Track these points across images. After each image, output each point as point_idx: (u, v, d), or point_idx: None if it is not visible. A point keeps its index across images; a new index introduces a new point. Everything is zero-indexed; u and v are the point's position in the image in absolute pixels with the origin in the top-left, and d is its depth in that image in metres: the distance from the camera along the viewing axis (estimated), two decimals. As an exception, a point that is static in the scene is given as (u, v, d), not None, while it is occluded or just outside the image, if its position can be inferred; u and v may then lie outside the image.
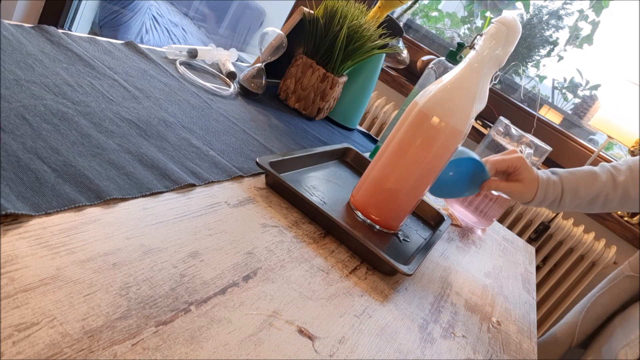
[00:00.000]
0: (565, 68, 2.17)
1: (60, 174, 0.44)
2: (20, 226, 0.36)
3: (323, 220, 0.62)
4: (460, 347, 0.55)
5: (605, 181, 0.78)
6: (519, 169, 0.77)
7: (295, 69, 1.01)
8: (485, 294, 0.73)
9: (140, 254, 0.40)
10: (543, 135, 1.89)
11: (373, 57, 1.12)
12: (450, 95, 0.64)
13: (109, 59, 0.74)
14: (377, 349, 0.46)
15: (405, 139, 0.66)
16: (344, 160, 0.90)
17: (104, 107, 0.59)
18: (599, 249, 1.71)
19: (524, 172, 0.77)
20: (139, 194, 0.47)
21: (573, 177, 0.78)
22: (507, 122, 0.97)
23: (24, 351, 0.28)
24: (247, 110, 0.88)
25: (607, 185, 0.78)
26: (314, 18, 0.97)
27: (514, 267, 0.92)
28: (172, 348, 0.33)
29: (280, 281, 0.47)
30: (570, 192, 0.78)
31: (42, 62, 0.61)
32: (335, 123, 1.14)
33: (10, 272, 0.32)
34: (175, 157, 0.58)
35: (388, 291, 0.57)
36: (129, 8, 2.96)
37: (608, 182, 0.78)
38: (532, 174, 0.77)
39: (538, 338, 1.06)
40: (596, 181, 0.78)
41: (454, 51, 0.97)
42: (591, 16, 2.11)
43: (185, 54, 0.93)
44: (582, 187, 0.78)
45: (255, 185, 0.64)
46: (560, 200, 0.78)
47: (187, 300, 0.38)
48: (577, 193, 0.78)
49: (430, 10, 2.37)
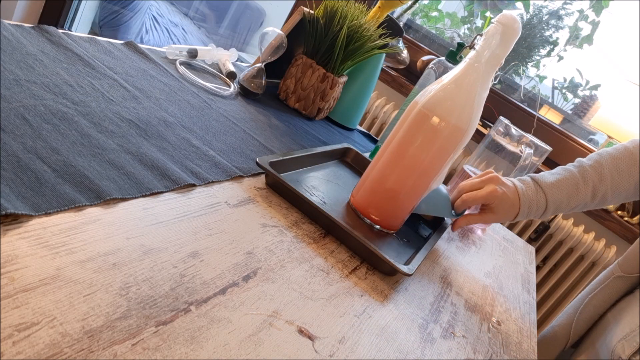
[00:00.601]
0: (565, 68, 2.17)
1: (60, 174, 0.44)
2: (20, 226, 0.36)
3: (323, 220, 0.62)
4: (460, 347, 0.55)
5: (586, 193, 0.79)
6: (491, 203, 0.77)
7: (295, 69, 1.01)
8: (485, 294, 0.72)
9: (140, 254, 0.40)
10: (543, 135, 1.89)
11: (373, 57, 1.12)
12: (450, 94, 0.64)
13: (109, 59, 0.74)
14: (377, 349, 0.46)
15: (405, 139, 0.66)
16: (344, 160, 0.90)
17: (104, 107, 0.59)
18: (599, 249, 1.71)
19: (497, 205, 0.76)
20: (139, 194, 0.47)
21: (558, 191, 0.78)
22: (507, 122, 0.97)
23: (24, 351, 0.28)
24: (247, 110, 0.88)
25: (587, 197, 0.79)
26: (314, 18, 0.97)
27: (514, 267, 0.92)
28: (172, 348, 0.33)
29: (280, 281, 0.47)
30: (554, 207, 0.79)
31: (42, 62, 0.61)
32: (335, 123, 1.14)
33: (10, 272, 0.32)
34: (175, 157, 0.58)
35: (388, 291, 0.57)
36: (129, 8, 2.96)
37: (588, 194, 0.79)
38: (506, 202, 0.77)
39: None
40: (579, 194, 0.79)
41: (454, 51, 0.97)
42: (591, 16, 2.11)
43: (185, 54, 0.93)
44: (564, 201, 0.79)
45: (255, 185, 0.64)
46: (542, 214, 0.80)
47: (187, 300, 0.38)
48: (559, 207, 0.79)
49: (430, 10, 2.37)
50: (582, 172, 0.80)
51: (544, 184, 0.79)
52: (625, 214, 1.76)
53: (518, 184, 0.78)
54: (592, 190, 0.79)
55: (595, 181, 0.79)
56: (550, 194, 0.78)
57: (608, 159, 0.80)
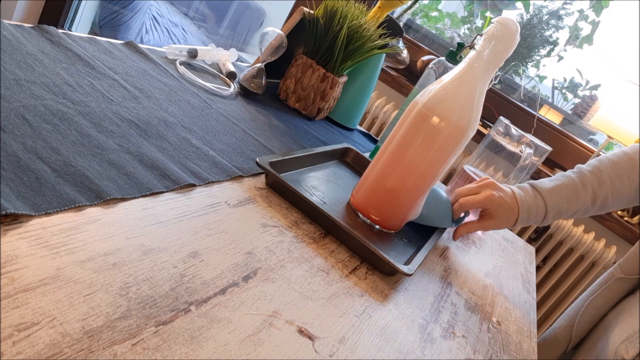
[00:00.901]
0: (565, 68, 2.17)
1: (60, 174, 0.44)
2: (20, 226, 0.36)
3: (323, 220, 0.62)
4: (460, 347, 0.55)
5: (585, 198, 0.79)
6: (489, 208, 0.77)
7: (295, 69, 1.01)
8: (485, 294, 0.73)
9: (140, 254, 0.40)
10: (543, 135, 1.89)
11: (373, 57, 1.12)
12: (450, 94, 0.64)
13: (109, 59, 0.74)
14: (377, 349, 0.46)
15: (405, 139, 0.66)
16: (344, 160, 0.90)
17: (104, 107, 0.59)
18: (599, 249, 1.71)
19: (495, 209, 0.76)
20: (139, 194, 0.47)
21: (557, 198, 0.78)
22: (507, 122, 0.97)
23: (24, 351, 0.28)
24: (247, 110, 0.88)
25: (587, 202, 0.79)
26: (314, 18, 0.97)
27: (514, 267, 0.92)
28: (172, 348, 0.33)
29: (280, 281, 0.47)
30: (553, 212, 0.79)
31: (42, 62, 0.61)
32: (335, 123, 1.14)
33: (10, 272, 0.32)
34: (175, 157, 0.58)
35: (388, 291, 0.57)
36: (129, 8, 2.96)
37: (588, 198, 0.79)
38: (504, 207, 0.77)
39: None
40: (579, 199, 0.79)
41: (454, 51, 0.97)
42: (591, 16, 2.11)
43: (185, 54, 0.93)
44: (564, 207, 0.79)
45: (255, 185, 0.64)
46: (543, 220, 0.80)
47: (187, 300, 0.38)
48: (559, 213, 0.79)
49: (430, 10, 2.37)
50: (581, 177, 0.80)
51: (542, 190, 0.79)
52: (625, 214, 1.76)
53: (516, 190, 0.79)
54: (592, 195, 0.79)
55: (594, 186, 0.79)
56: (549, 199, 0.78)
57: (607, 164, 0.80)
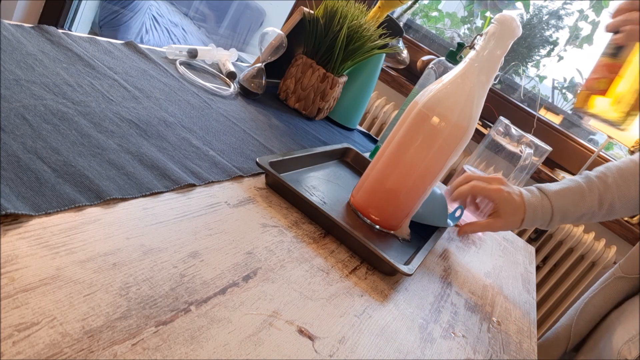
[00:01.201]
0: (565, 68, 2.17)
1: (60, 174, 0.44)
2: (20, 226, 0.36)
3: (323, 220, 0.62)
4: (460, 347, 0.55)
5: (592, 201, 0.79)
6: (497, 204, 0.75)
7: (295, 69, 1.01)
8: (485, 294, 0.72)
9: (140, 254, 0.40)
10: (543, 135, 1.88)
11: (373, 57, 1.12)
12: (450, 93, 0.64)
13: (109, 59, 0.74)
14: (377, 349, 0.46)
15: (405, 139, 0.66)
16: (344, 160, 0.90)
17: (104, 107, 0.59)
18: (599, 249, 1.71)
19: (503, 206, 0.75)
20: (139, 194, 0.47)
21: (563, 200, 0.78)
22: (507, 122, 0.97)
23: (24, 351, 0.28)
24: (247, 110, 0.88)
25: (593, 205, 0.79)
26: (314, 18, 0.97)
27: (514, 267, 0.92)
28: (172, 348, 0.33)
29: (280, 281, 0.47)
30: (560, 215, 0.79)
31: (42, 62, 0.61)
32: (335, 123, 1.14)
33: (10, 272, 0.32)
34: (175, 157, 0.58)
35: (388, 291, 0.57)
36: (129, 8, 2.96)
37: (595, 201, 0.79)
38: (512, 204, 0.76)
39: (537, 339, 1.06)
40: (585, 202, 0.79)
41: (454, 51, 0.97)
42: (591, 16, 2.11)
43: (185, 54, 0.93)
44: (570, 210, 0.79)
45: (255, 185, 0.64)
46: (549, 223, 0.80)
47: (187, 300, 0.38)
48: (565, 215, 0.79)
49: (430, 10, 2.37)
50: (588, 181, 0.80)
51: (548, 192, 0.79)
52: (625, 214, 1.76)
53: (523, 190, 0.79)
54: (599, 198, 0.79)
55: (600, 189, 0.79)
56: (556, 201, 0.78)
57: (614, 169, 0.81)
